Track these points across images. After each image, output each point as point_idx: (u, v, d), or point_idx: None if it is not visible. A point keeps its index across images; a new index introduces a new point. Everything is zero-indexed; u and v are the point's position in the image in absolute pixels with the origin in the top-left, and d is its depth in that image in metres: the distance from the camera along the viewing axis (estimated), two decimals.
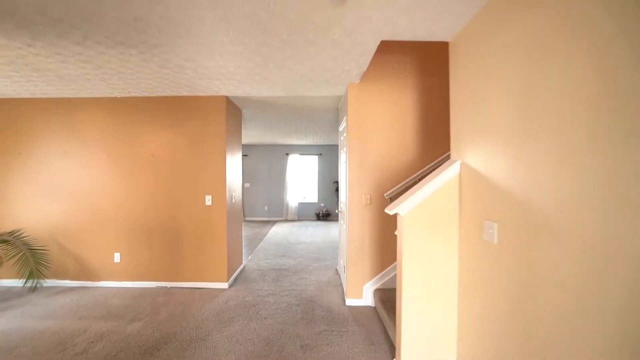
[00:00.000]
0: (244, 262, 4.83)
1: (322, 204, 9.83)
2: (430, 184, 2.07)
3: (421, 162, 3.29)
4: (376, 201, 3.30)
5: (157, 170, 3.72)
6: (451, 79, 2.12)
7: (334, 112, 4.76)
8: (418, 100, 3.28)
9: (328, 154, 9.83)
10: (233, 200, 4.04)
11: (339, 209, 4.21)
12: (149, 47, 2.36)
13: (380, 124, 3.28)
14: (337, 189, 9.57)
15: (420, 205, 2.08)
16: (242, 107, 4.36)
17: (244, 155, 9.61)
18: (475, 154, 1.86)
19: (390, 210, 2.11)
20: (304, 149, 9.78)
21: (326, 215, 9.60)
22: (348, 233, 3.36)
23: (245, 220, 9.47)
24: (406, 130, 3.29)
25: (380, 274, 3.31)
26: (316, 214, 9.68)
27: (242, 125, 5.75)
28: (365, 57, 2.60)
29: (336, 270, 4.50)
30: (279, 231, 7.72)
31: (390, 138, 3.29)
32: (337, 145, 9.79)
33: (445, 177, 2.07)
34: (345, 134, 3.65)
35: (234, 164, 4.15)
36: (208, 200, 3.68)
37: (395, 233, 2.27)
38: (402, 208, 2.07)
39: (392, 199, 3.29)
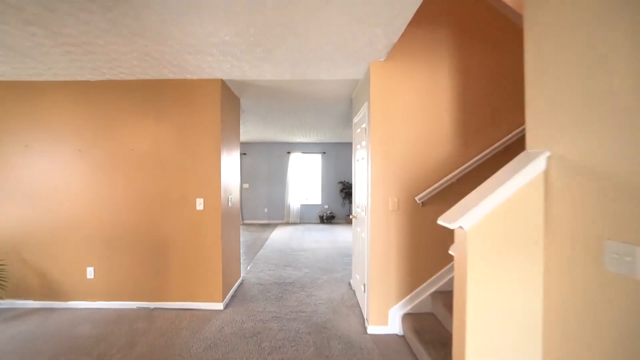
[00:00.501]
0: (242, 275, 4.21)
1: (326, 206, 9.22)
2: (505, 186, 1.46)
3: (460, 157, 2.68)
4: (405, 206, 2.70)
5: (138, 169, 3.10)
6: (528, 27, 1.50)
7: (346, 103, 4.15)
8: (455, 82, 2.68)
9: (332, 153, 9.22)
10: (230, 204, 3.43)
11: (353, 214, 3.60)
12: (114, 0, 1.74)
13: (410, 111, 2.68)
14: (342, 190, 8.96)
15: (490, 216, 1.47)
16: (241, 95, 3.74)
17: (242, 154, 8.99)
18: (579, 141, 1.24)
19: (449, 223, 1.49)
20: (306, 147, 9.17)
21: (330, 218, 8.99)
22: (370, 245, 2.75)
23: (243, 224, 8.85)
24: (441, 119, 2.69)
25: (410, 295, 2.70)
26: (320, 216, 9.07)
27: (241, 119, 5.13)
28: (400, 20, 2.00)
29: (349, 284, 3.89)
30: (280, 236, 7.10)
31: (421, 129, 2.68)
32: (342, 144, 9.18)
33: (523, 177, 1.46)
34: (363, 125, 3.04)
35: (231, 162, 3.54)
36: (199, 204, 3.06)
37: (451, 252, 1.66)
38: (466, 220, 1.45)
39: (427, 203, 2.68)
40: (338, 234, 7.28)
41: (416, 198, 2.64)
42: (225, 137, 3.24)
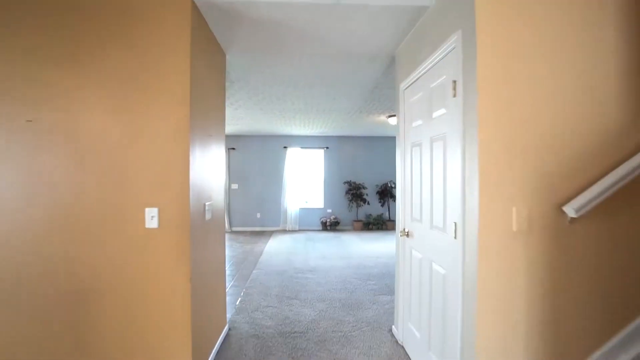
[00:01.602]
0: (229, 317, 2.86)
1: (329, 210, 7.91)
2: None
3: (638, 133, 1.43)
4: (542, 223, 1.41)
5: (38, 155, 1.72)
6: None
7: (380, 64, 2.86)
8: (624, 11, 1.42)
9: (337, 148, 7.92)
10: (208, 215, 2.07)
11: (403, 229, 2.31)
12: None
13: (549, 50, 1.40)
14: (349, 191, 7.66)
15: None
16: (229, 45, 2.41)
17: (230, 149, 7.61)
18: None
19: None
20: (306, 141, 7.85)
21: (335, 224, 7.68)
22: (478, 298, 1.44)
23: (231, 232, 7.45)
24: (601, 67, 1.42)
25: None
26: (322, 222, 7.75)
27: (228, 95, 3.78)
28: None
29: (392, 333, 2.60)
30: (277, 248, 5.75)
31: (572, 84, 1.41)
32: (349, 137, 7.89)
33: None
34: (437, 82, 1.76)
35: (210, 153, 2.18)
36: (150, 218, 1.71)
37: None
38: None
39: (585, 217, 1.40)
40: (348, 246, 5.97)
41: (567, 208, 1.36)
42: (199, 110, 1.90)
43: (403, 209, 2.39)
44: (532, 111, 1.40)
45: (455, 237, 1.57)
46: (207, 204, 2.02)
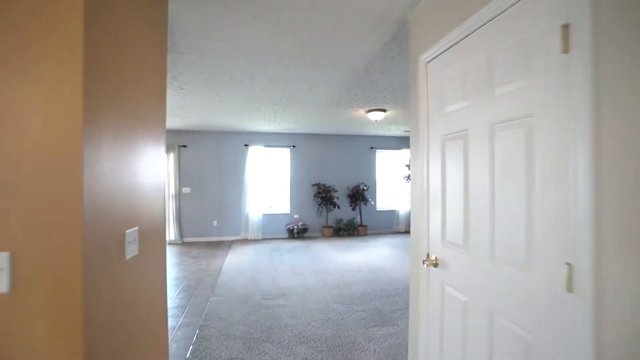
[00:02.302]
0: None
1: (297, 216, 7.15)
2: None
3: None
4: None
5: None
6: None
7: (385, 33, 2.20)
8: None
9: (305, 146, 7.19)
10: (132, 251, 1.21)
11: (428, 256, 1.66)
12: None
13: None
14: (318, 194, 6.96)
15: None
16: None
17: (181, 147, 6.51)
18: None
19: None
20: (270, 139, 7.01)
21: (302, 231, 6.94)
22: None
23: (182, 244, 6.35)
24: None
25: None
26: (289, 229, 6.96)
27: (176, 75, 2.88)
28: None
29: None
30: (239, 264, 4.86)
31: None
32: (319, 135, 7.20)
33: None
34: (514, 37, 1.12)
35: (140, 149, 1.31)
36: None
37: None
38: None
39: None
40: (321, 257, 5.26)
41: None
42: (111, 74, 1.05)
43: (423, 225, 1.74)
44: None
45: (569, 290, 0.93)
46: (128, 232, 1.16)
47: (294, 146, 7.11)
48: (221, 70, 2.90)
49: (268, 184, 7.14)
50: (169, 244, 6.21)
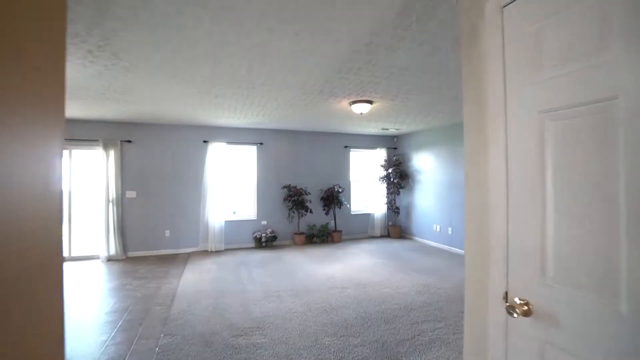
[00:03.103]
0: None
1: (265, 222, 6.36)
2: None
3: None
4: None
5: None
6: None
7: None
8: None
9: (273, 143, 6.43)
10: None
11: (515, 301, 1.07)
12: None
13: None
14: (289, 198, 6.24)
15: None
16: None
17: (124, 142, 5.41)
18: None
19: None
20: (235, 134, 6.14)
21: (271, 239, 6.17)
22: None
23: (125, 259, 5.25)
24: None
25: None
26: (256, 238, 6.15)
27: (102, 37, 2.02)
28: None
29: None
30: (198, 284, 3.98)
31: None
32: (285, 132, 6.48)
33: None
34: None
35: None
36: None
37: None
38: None
39: None
40: (297, 271, 4.56)
41: None
42: None
43: (494, 244, 1.15)
44: None
45: None
46: None
47: (261, 143, 6.31)
48: (177, 31, 2.10)
49: (231, 186, 6.26)
50: (108, 260, 5.08)
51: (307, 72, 2.92)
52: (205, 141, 5.90)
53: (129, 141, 5.43)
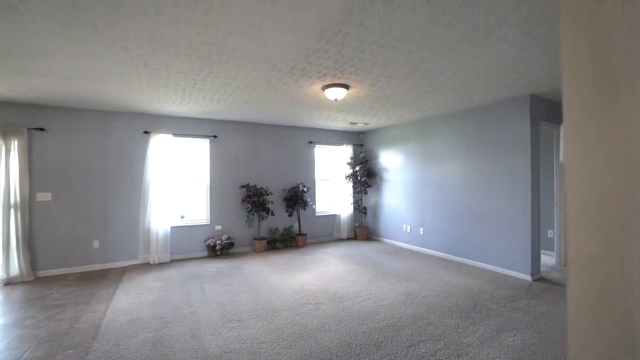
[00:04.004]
0: None
1: (219, 227, 5.53)
2: None
3: None
4: None
5: None
6: None
7: None
8: None
9: (229, 137, 5.63)
10: None
11: None
12: None
13: None
14: (247, 199, 5.49)
15: None
16: None
17: (35, 129, 4.24)
18: None
19: None
20: (183, 125, 5.24)
21: (227, 246, 5.38)
22: None
23: (35, 280, 4.09)
24: None
25: None
26: (209, 245, 5.30)
27: None
28: None
29: None
30: (134, 308, 3.11)
31: None
32: (242, 124, 5.73)
33: None
34: None
35: None
36: None
37: None
38: None
39: None
40: (260, 284, 3.87)
41: None
42: None
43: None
44: None
45: None
46: None
47: (215, 136, 5.48)
48: None
49: (179, 186, 5.34)
50: (6, 284, 3.89)
51: (280, 37, 2.30)
52: (146, 132, 4.92)
53: (41, 129, 4.27)
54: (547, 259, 4.78)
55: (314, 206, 6.45)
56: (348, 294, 3.49)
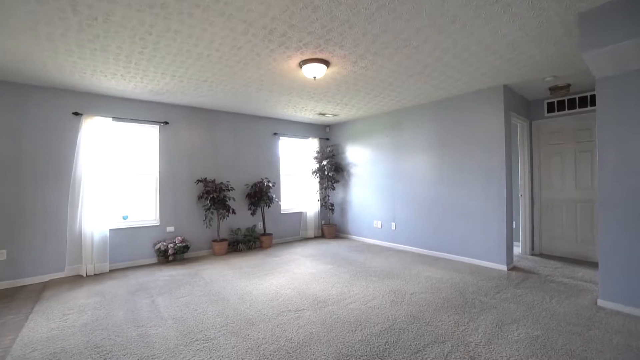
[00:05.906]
0: None
1: (171, 228, 4.77)
2: None
3: None
4: None
5: None
6: None
7: None
8: None
9: (183, 124, 4.90)
10: None
11: None
12: None
13: None
14: (205, 195, 4.81)
15: None
16: None
17: None
18: None
19: None
20: (126, 107, 4.39)
21: (182, 250, 4.64)
22: None
23: None
24: None
25: None
26: (159, 250, 4.52)
27: None
28: None
29: None
30: (55, 336, 2.35)
31: None
32: (199, 110, 5.05)
33: None
34: None
35: None
36: None
37: None
38: None
39: None
40: (224, 292, 3.30)
41: None
42: None
43: None
44: None
45: None
46: None
47: (166, 122, 4.72)
48: None
49: (121, 181, 4.48)
50: None
51: None
52: (76, 113, 4.01)
53: None
54: (515, 249, 4.88)
55: (280, 203, 5.95)
56: (330, 297, 3.09)
